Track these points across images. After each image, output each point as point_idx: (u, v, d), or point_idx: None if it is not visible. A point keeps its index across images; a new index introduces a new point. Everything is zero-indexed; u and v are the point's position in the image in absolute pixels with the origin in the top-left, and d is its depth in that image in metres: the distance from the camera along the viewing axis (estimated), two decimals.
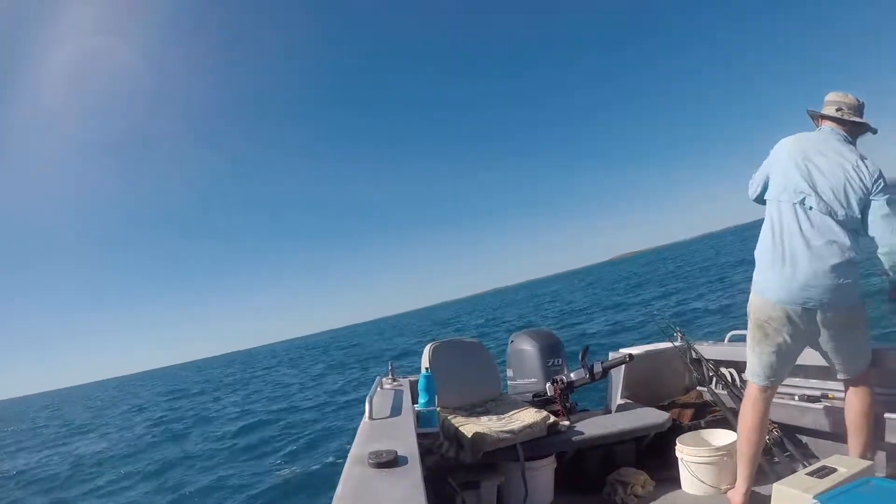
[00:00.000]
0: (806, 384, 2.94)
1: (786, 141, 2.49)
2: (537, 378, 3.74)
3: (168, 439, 12.97)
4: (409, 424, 2.07)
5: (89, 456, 12.77)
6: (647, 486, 2.80)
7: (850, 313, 2.26)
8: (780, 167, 2.42)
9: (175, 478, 8.02)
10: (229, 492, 6.72)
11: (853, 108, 2.42)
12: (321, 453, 7.85)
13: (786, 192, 2.34)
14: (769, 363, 2.35)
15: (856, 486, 1.75)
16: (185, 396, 28.63)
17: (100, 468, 10.91)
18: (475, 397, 3.32)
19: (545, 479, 2.84)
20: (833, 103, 2.46)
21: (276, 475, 7.05)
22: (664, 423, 3.01)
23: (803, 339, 2.32)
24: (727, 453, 2.60)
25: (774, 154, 2.49)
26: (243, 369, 47.39)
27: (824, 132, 2.44)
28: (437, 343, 3.35)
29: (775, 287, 2.27)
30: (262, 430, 11.28)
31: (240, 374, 41.31)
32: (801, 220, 2.26)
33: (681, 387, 3.73)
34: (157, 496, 7.33)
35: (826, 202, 2.24)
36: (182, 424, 15.79)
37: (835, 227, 2.22)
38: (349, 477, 1.43)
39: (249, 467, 7.77)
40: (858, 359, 2.32)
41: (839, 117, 2.40)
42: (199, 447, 10.82)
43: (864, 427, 2.26)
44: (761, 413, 2.36)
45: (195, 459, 9.62)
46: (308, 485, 6.42)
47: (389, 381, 3.18)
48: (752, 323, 2.40)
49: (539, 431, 2.81)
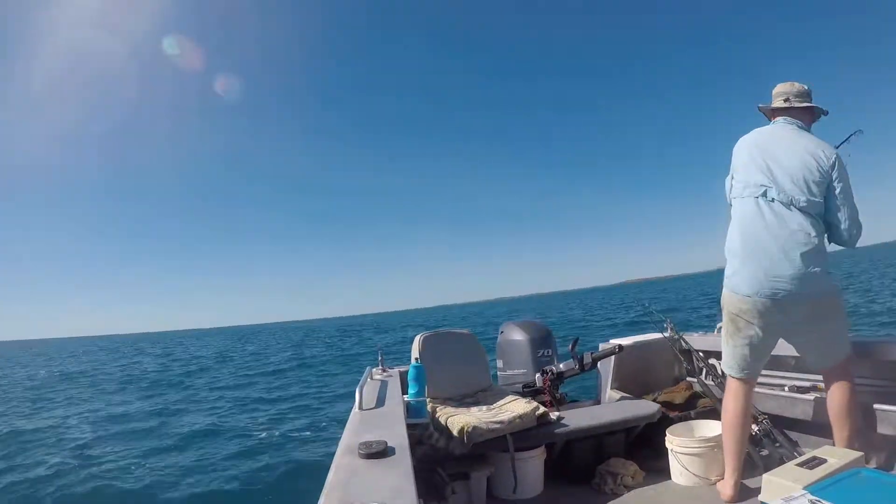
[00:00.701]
0: (796, 375, 2.95)
1: (743, 139, 2.55)
2: (527, 369, 3.74)
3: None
4: (399, 415, 2.07)
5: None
6: (637, 477, 2.81)
7: (822, 301, 2.27)
8: (741, 165, 2.47)
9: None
10: (212, 476, 6.69)
11: (800, 94, 2.48)
12: (311, 443, 7.84)
13: (747, 188, 2.38)
14: (742, 355, 2.37)
15: (846, 477, 1.75)
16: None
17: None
18: (465, 388, 3.30)
19: (535, 470, 2.84)
20: (780, 95, 2.52)
21: (262, 463, 7.04)
22: (654, 414, 3.02)
23: (776, 331, 2.34)
24: (717, 444, 2.60)
25: (735, 154, 2.54)
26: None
27: (777, 124, 2.49)
28: (427, 333, 3.33)
29: (744, 281, 2.29)
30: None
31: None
32: (764, 213, 2.29)
33: (671, 378, 3.75)
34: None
35: (787, 192, 2.27)
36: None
37: (798, 216, 2.25)
38: (339, 467, 1.42)
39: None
40: (834, 349, 2.33)
41: (788, 106, 2.46)
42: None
43: (847, 419, 2.27)
44: (743, 405, 2.38)
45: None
46: (298, 475, 6.40)
47: (380, 371, 3.16)
48: (725, 316, 2.43)
49: (529, 422, 2.80)
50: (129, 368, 26.56)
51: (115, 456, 7.92)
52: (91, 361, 35.38)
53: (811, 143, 2.35)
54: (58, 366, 32.67)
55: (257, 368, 21.57)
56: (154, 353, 39.90)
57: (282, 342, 44.52)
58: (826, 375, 2.38)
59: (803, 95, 2.48)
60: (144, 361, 31.38)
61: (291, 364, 21.64)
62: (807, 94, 2.49)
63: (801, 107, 2.47)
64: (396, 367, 3.24)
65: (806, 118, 2.49)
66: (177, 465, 7.22)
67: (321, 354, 26.08)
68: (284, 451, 7.60)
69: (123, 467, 7.30)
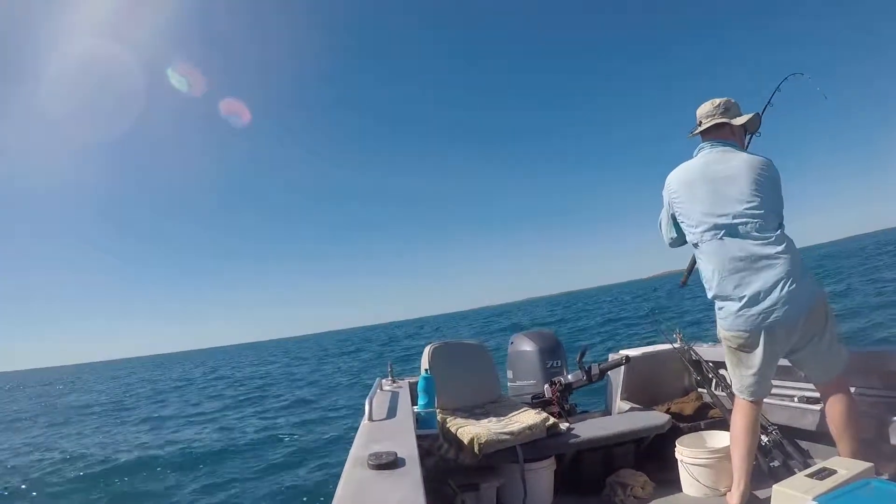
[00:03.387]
0: (806, 386, 2.94)
1: (674, 177, 2.50)
2: (536, 380, 3.75)
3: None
4: (409, 426, 2.07)
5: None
6: (647, 488, 2.80)
7: (814, 312, 2.25)
8: (683, 204, 2.43)
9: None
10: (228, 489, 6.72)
11: (708, 114, 2.47)
12: (320, 455, 7.85)
13: (706, 231, 2.34)
14: (749, 382, 2.36)
15: (856, 488, 1.75)
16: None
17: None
18: (475, 399, 3.31)
19: (544, 481, 2.83)
20: (699, 118, 2.52)
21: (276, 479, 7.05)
22: (664, 425, 3.01)
23: (777, 355, 2.33)
24: (727, 455, 2.59)
25: (670, 193, 2.50)
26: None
27: (704, 151, 2.46)
28: (436, 344, 3.35)
29: (736, 320, 2.27)
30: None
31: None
32: (732, 251, 2.25)
33: (680, 388, 3.73)
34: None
35: (745, 219, 2.24)
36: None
37: (764, 239, 2.22)
38: (349, 478, 1.43)
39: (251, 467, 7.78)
40: (832, 360, 2.31)
41: (707, 127, 2.47)
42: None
43: (850, 430, 2.25)
44: (750, 420, 2.37)
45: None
46: (307, 486, 6.41)
47: (389, 382, 3.18)
48: (725, 349, 2.43)
49: (538, 433, 2.81)
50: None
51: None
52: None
53: (746, 159, 2.33)
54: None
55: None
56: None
57: (277, 355, 44.64)
58: (824, 390, 2.36)
59: (715, 112, 2.46)
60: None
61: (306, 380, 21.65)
62: (719, 109, 2.46)
63: (716, 125, 2.44)
64: (406, 378, 3.26)
65: (734, 133, 2.46)
66: (185, 481, 7.26)
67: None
68: (294, 463, 7.61)
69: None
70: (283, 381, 22.50)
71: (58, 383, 50.52)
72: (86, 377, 61.15)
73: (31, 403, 26.86)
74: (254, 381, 23.89)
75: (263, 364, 38.26)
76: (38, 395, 33.06)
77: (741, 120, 2.46)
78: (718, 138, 2.45)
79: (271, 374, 27.48)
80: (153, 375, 42.87)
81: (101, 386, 36.69)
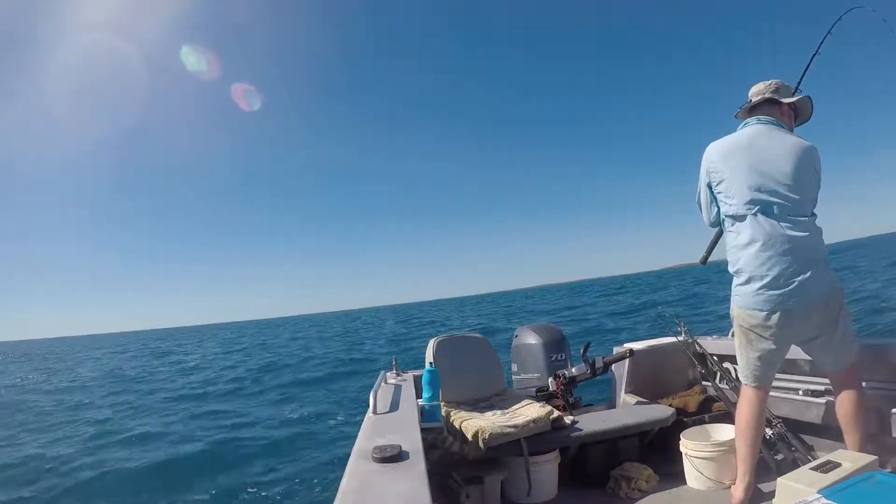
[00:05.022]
0: (810, 379, 2.93)
1: (715, 147, 2.44)
2: (541, 373, 3.76)
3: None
4: (413, 419, 2.08)
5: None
6: (651, 481, 2.81)
7: (831, 302, 2.25)
8: (722, 174, 2.37)
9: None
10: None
11: (759, 92, 2.45)
12: (326, 447, 7.86)
13: (736, 199, 2.30)
14: (756, 367, 2.35)
15: (860, 481, 1.74)
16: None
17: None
18: (479, 392, 3.32)
19: (549, 474, 2.85)
20: (750, 96, 2.49)
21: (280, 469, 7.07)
22: (668, 418, 3.01)
23: (789, 341, 2.33)
24: (731, 448, 2.59)
25: (711, 163, 2.43)
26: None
27: (751, 125, 2.42)
28: (441, 338, 3.36)
29: (756, 298, 2.26)
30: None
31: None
32: (767, 229, 2.23)
33: (685, 382, 3.73)
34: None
35: (781, 200, 2.23)
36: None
37: (800, 223, 2.22)
38: (353, 471, 1.43)
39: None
40: (846, 350, 2.31)
41: (751, 105, 2.45)
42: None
43: (858, 422, 2.25)
44: (756, 411, 2.36)
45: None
46: (311, 479, 6.43)
47: (394, 375, 3.19)
48: (736, 329, 2.41)
49: (543, 426, 2.81)
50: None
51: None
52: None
53: (790, 142, 2.31)
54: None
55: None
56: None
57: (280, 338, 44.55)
58: (834, 379, 2.36)
59: (765, 91, 2.44)
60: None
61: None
62: (770, 88, 2.44)
63: (767, 101, 2.42)
64: (410, 372, 3.27)
65: (777, 114, 2.43)
66: (191, 473, 7.28)
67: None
68: (298, 455, 7.64)
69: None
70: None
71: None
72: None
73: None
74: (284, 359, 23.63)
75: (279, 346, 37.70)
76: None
77: (791, 99, 2.45)
78: (768, 115, 2.42)
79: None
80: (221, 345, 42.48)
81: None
